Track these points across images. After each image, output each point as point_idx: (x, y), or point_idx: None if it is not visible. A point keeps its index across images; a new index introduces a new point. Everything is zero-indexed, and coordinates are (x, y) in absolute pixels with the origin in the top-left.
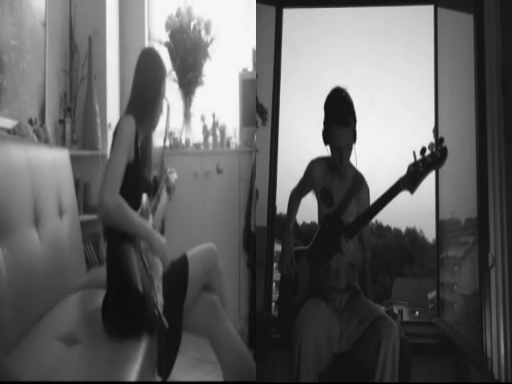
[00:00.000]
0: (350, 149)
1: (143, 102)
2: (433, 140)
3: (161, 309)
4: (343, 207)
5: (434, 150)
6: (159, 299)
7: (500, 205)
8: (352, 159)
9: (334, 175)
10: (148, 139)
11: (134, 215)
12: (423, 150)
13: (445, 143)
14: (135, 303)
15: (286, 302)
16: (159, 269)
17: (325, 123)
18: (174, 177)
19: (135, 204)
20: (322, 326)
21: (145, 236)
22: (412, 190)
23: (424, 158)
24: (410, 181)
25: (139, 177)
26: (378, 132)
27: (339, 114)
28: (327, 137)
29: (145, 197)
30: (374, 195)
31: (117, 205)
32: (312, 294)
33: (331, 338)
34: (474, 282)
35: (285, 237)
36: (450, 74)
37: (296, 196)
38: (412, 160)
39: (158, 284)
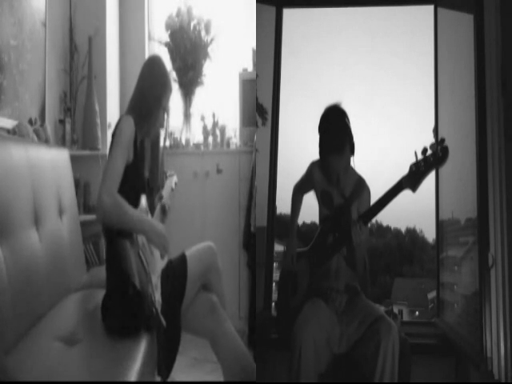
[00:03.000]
0: (348, 168)
1: (142, 109)
2: (433, 140)
3: (159, 307)
4: (347, 206)
5: (435, 149)
6: (157, 297)
7: (500, 205)
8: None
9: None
10: (148, 141)
11: (133, 211)
12: (425, 150)
13: (445, 143)
14: (133, 300)
15: (285, 303)
16: (157, 267)
17: (320, 147)
18: (173, 179)
19: (134, 204)
20: (321, 328)
21: (145, 230)
22: (414, 188)
23: (425, 158)
24: (412, 180)
25: (138, 177)
26: (377, 132)
27: (335, 141)
28: (323, 161)
29: (144, 197)
30: (375, 195)
31: (115, 204)
32: (312, 294)
33: (331, 339)
34: (474, 282)
35: (289, 235)
36: (450, 74)
37: (299, 192)
38: (413, 160)
39: (156, 282)
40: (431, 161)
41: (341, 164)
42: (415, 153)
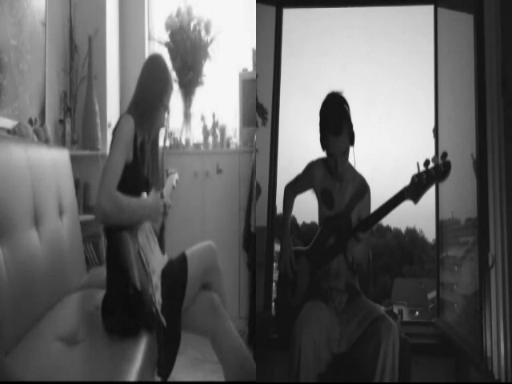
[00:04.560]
0: (346, 155)
1: (143, 108)
2: (433, 140)
3: (159, 307)
4: (348, 211)
5: (438, 163)
6: (157, 297)
7: (500, 205)
8: (351, 160)
9: (333, 177)
10: (149, 140)
11: (131, 205)
12: (427, 163)
13: (444, 143)
14: (133, 300)
15: (284, 302)
16: (158, 267)
17: (320, 130)
18: (175, 177)
19: None
20: (321, 328)
21: (146, 215)
22: (415, 200)
23: (428, 171)
24: (414, 191)
25: (138, 176)
26: (377, 131)
27: (332, 122)
28: (323, 144)
29: (145, 196)
30: (374, 195)
31: (113, 206)
32: (312, 294)
33: (331, 338)
34: (474, 282)
35: (284, 236)
36: (450, 73)
37: (291, 191)
38: (411, 164)
39: (157, 282)
40: (433, 175)
41: (338, 145)
42: (417, 164)
